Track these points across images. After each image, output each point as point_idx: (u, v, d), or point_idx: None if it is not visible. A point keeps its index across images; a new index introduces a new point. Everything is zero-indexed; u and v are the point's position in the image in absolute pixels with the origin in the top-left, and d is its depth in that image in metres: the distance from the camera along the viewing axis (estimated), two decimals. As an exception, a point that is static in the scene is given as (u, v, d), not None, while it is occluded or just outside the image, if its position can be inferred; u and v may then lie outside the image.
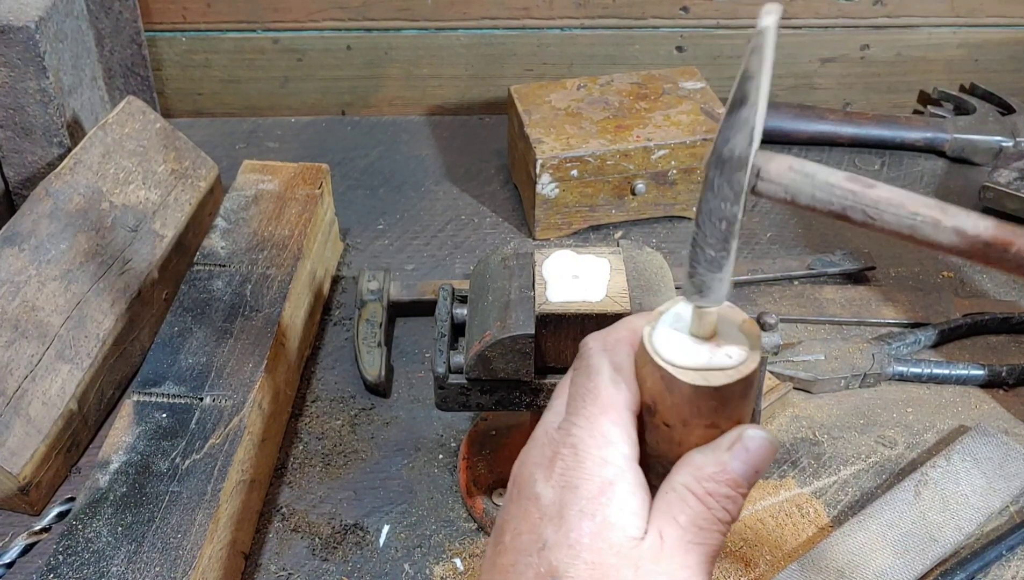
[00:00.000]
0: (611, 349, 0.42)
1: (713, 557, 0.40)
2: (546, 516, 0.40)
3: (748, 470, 0.40)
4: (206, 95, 1.20)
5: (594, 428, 0.41)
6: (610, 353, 0.42)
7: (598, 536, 0.39)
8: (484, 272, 0.65)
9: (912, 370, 0.82)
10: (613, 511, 0.39)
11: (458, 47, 1.17)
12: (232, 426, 0.69)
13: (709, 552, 0.40)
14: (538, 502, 0.40)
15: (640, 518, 0.40)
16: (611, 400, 0.41)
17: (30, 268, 0.77)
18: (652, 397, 0.41)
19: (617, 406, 0.41)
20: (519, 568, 0.40)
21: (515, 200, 1.05)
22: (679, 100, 1.00)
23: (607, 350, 0.42)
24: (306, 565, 0.70)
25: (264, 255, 0.83)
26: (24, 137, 0.91)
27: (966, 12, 1.15)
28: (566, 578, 0.38)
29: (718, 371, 0.39)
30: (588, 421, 0.41)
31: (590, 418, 0.41)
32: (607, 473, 0.40)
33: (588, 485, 0.39)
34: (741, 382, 0.39)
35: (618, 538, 0.39)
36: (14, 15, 0.86)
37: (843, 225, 1.00)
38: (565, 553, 0.39)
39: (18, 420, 0.71)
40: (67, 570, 0.60)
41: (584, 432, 0.41)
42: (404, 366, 0.86)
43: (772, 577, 0.68)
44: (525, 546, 0.40)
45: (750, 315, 0.43)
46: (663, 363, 0.39)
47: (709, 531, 0.40)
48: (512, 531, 0.41)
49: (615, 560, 0.38)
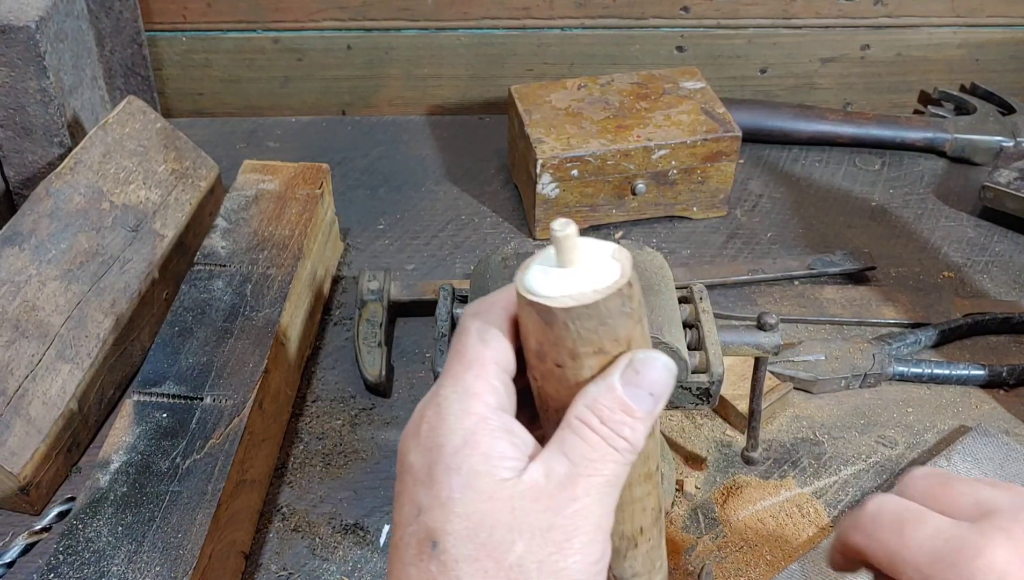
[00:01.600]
0: (484, 312, 0.42)
1: (611, 487, 0.39)
2: (418, 482, 0.39)
3: (640, 393, 0.39)
4: (206, 95, 1.20)
5: (457, 385, 0.40)
6: (482, 316, 0.42)
7: (467, 487, 0.38)
8: (484, 272, 0.65)
9: (913, 370, 0.82)
10: (478, 460, 0.38)
11: (458, 47, 1.17)
12: (232, 426, 0.69)
13: (604, 483, 0.39)
14: (412, 470, 0.40)
15: (512, 459, 0.39)
16: (476, 355, 0.40)
17: (30, 268, 0.77)
18: (538, 340, 0.40)
19: (482, 360, 0.40)
20: (405, 540, 0.39)
21: (515, 200, 1.05)
22: (679, 100, 1.00)
23: (479, 314, 0.42)
24: (306, 565, 0.70)
25: (264, 255, 0.83)
26: (24, 137, 0.91)
27: (967, 12, 1.15)
28: (443, 536, 0.38)
29: (589, 292, 0.38)
30: (452, 379, 0.40)
31: (454, 376, 0.40)
32: (468, 424, 0.39)
33: (451, 440, 0.39)
34: (615, 297, 0.38)
35: (487, 485, 0.38)
36: (14, 15, 0.86)
37: (844, 225, 1.01)
38: (439, 513, 0.38)
39: (18, 420, 0.71)
40: (67, 570, 0.60)
41: (447, 390, 0.40)
42: (404, 366, 0.86)
43: (772, 577, 0.68)
44: (406, 518, 0.39)
45: (750, 315, 0.43)
46: (532, 297, 0.39)
47: (602, 461, 0.39)
48: (396, 507, 0.41)
49: (487, 506, 0.38)
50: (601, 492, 0.39)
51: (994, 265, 0.96)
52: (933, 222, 1.02)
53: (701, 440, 0.78)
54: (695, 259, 0.97)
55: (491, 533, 0.38)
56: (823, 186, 1.07)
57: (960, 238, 1.00)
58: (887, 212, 1.03)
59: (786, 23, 1.15)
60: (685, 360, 0.60)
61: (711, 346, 0.63)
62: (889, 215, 1.03)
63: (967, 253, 0.98)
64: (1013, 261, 0.97)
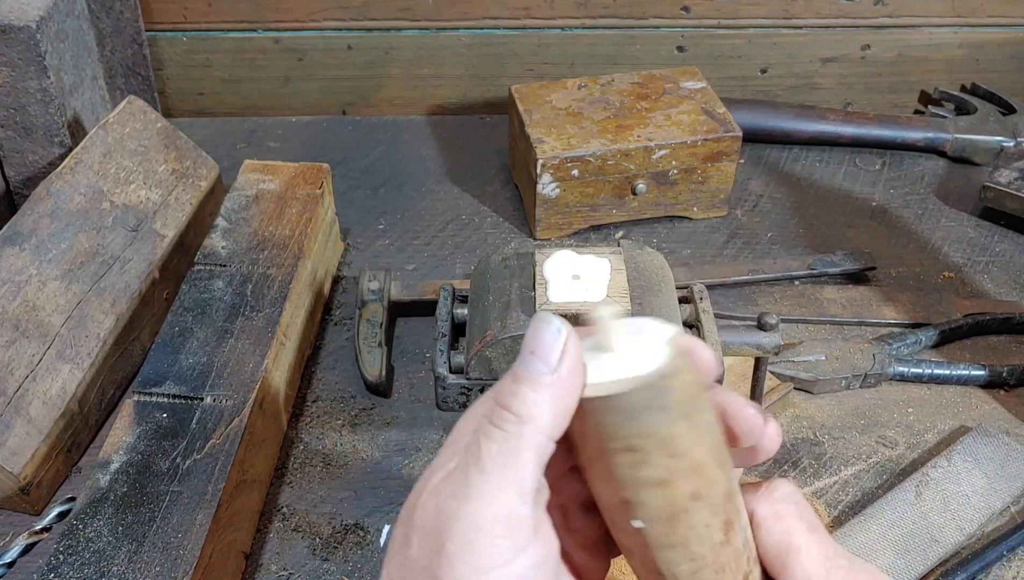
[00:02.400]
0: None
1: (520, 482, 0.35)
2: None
3: (524, 356, 0.35)
4: (207, 95, 1.20)
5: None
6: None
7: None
8: (485, 272, 0.65)
9: (913, 370, 0.82)
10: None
11: (459, 47, 1.17)
12: (232, 426, 0.69)
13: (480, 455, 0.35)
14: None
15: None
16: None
17: (31, 268, 0.77)
18: (572, 429, 0.36)
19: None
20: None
21: (516, 200, 1.05)
22: (680, 100, 1.00)
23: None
24: (306, 565, 0.70)
25: (265, 255, 0.83)
26: (25, 137, 0.91)
27: (967, 12, 1.15)
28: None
29: (614, 380, 0.33)
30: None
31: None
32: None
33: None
34: (642, 389, 0.33)
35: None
36: (15, 15, 0.86)
37: (844, 225, 1.01)
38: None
39: (19, 420, 0.71)
40: (68, 570, 0.60)
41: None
42: (404, 366, 0.86)
43: (773, 577, 0.67)
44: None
45: (750, 315, 0.42)
46: None
47: (502, 454, 0.35)
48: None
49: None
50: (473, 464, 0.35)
51: (994, 265, 0.96)
52: (933, 222, 1.02)
53: (701, 440, 0.78)
54: (695, 259, 0.97)
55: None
56: (823, 186, 1.07)
57: (960, 238, 1.00)
58: (887, 212, 1.03)
59: (786, 23, 1.15)
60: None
61: (712, 346, 0.63)
62: (889, 215, 1.03)
63: (967, 253, 0.98)
64: (1013, 261, 0.97)
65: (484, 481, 0.35)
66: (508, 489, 0.35)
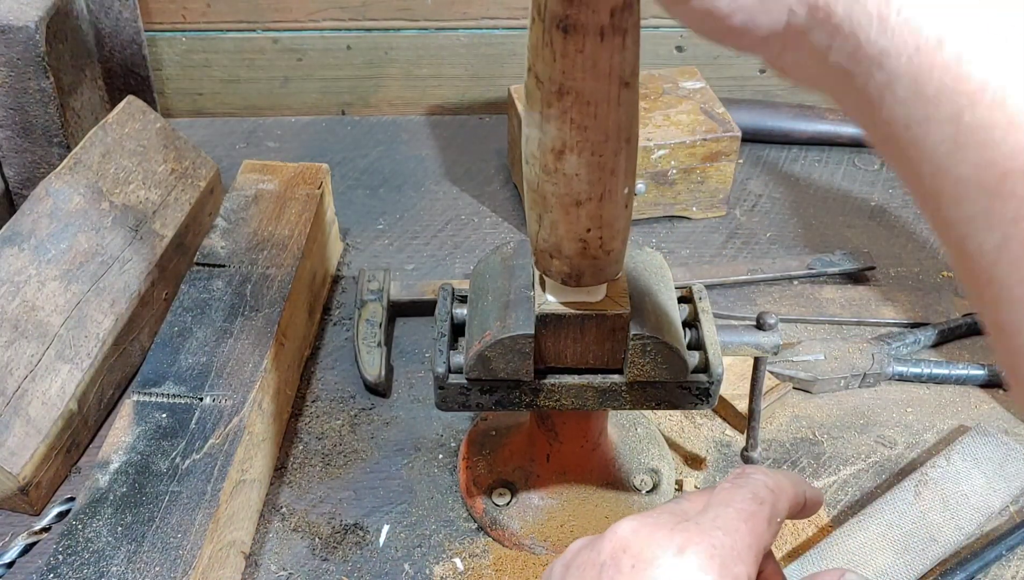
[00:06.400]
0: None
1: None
2: None
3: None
4: (206, 95, 1.20)
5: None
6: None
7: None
8: (484, 272, 0.65)
9: (912, 370, 0.82)
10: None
11: (458, 47, 1.17)
12: (232, 426, 0.69)
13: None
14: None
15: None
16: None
17: (30, 268, 0.77)
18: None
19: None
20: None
21: (515, 200, 1.05)
22: (679, 100, 1.00)
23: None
24: (306, 565, 0.70)
25: (264, 255, 0.83)
26: (24, 137, 0.91)
27: (966, 12, 1.15)
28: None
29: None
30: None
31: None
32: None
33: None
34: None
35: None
36: (14, 15, 0.86)
37: (844, 225, 1.01)
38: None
39: (18, 420, 0.71)
40: (67, 570, 0.60)
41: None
42: (404, 366, 0.86)
43: (772, 577, 0.68)
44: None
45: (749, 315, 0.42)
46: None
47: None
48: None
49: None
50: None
51: (993, 265, 0.96)
52: (932, 222, 1.02)
53: (700, 440, 0.79)
54: (694, 259, 0.97)
55: None
56: (823, 186, 1.07)
57: (959, 238, 0.99)
58: (887, 212, 1.03)
59: (786, 23, 1.15)
60: (685, 360, 0.60)
61: (710, 346, 0.63)
62: (889, 215, 1.03)
63: (966, 253, 0.98)
64: (1012, 261, 0.97)
65: None
66: None
